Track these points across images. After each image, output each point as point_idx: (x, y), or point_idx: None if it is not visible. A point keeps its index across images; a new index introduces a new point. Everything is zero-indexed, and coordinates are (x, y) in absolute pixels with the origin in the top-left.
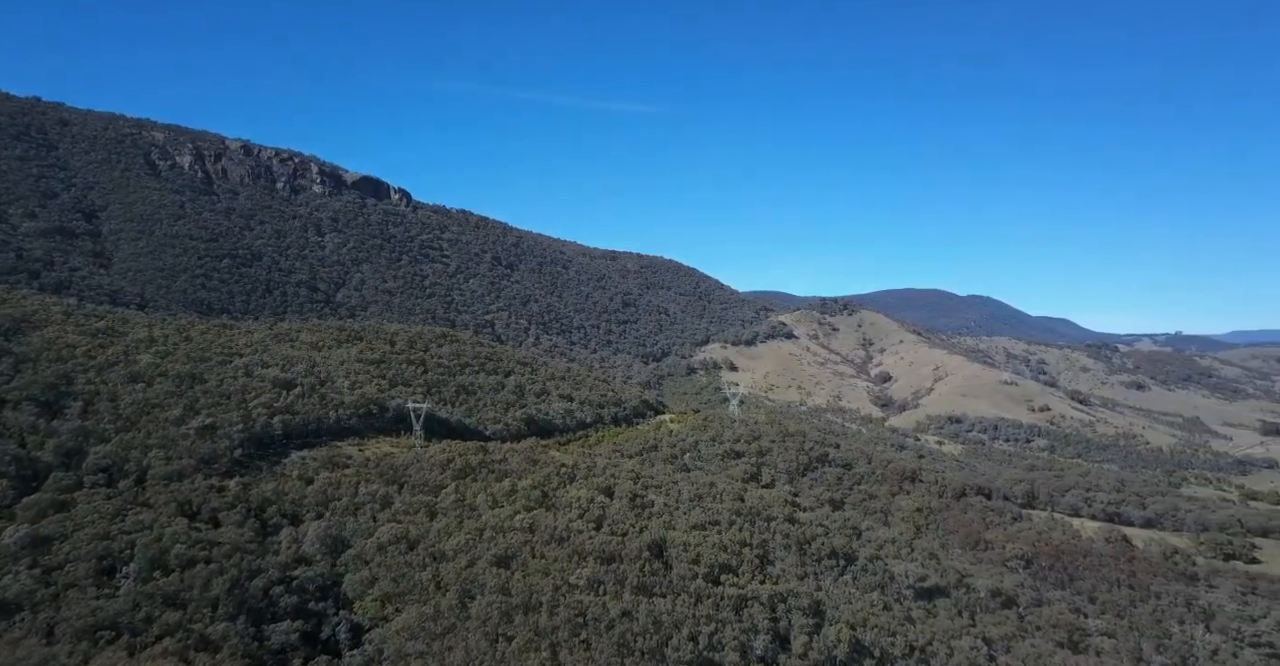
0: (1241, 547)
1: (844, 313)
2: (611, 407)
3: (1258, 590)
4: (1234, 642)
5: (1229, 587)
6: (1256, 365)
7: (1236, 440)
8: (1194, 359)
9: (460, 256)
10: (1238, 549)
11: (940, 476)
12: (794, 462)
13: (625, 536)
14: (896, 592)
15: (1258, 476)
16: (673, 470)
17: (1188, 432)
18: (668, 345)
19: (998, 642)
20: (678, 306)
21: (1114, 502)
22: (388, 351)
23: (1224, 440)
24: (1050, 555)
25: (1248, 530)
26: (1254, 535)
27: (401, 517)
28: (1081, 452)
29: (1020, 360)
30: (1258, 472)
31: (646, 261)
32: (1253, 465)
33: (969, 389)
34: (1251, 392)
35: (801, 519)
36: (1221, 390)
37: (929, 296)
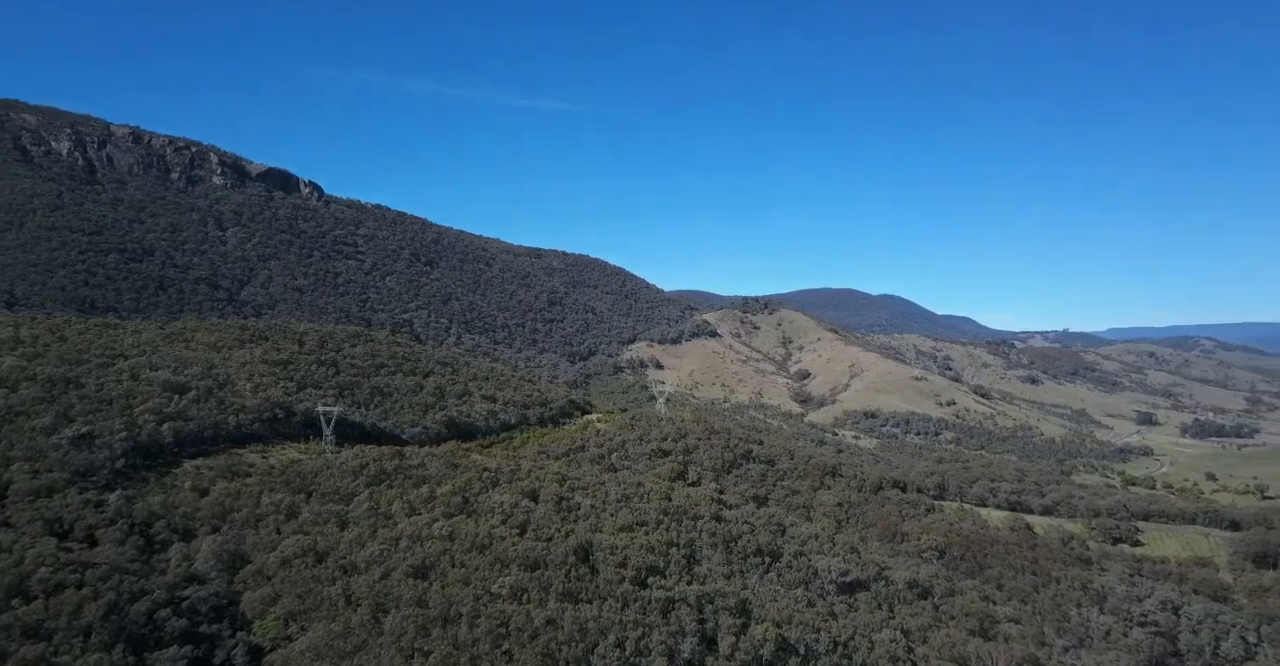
0: (1127, 531)
1: (765, 311)
2: (537, 408)
3: (1143, 571)
4: (1124, 623)
5: (1118, 570)
6: (1131, 360)
7: (1117, 429)
8: (1080, 354)
9: (376, 253)
10: (1124, 533)
11: (859, 471)
12: (719, 460)
13: (551, 541)
14: (820, 588)
15: (1136, 463)
16: (600, 470)
17: (1076, 423)
18: (595, 344)
19: (915, 633)
20: (605, 305)
21: (1016, 492)
22: (296, 352)
23: (1106, 430)
24: (961, 545)
25: (1132, 514)
26: (1137, 519)
27: (309, 529)
28: (984, 444)
29: (928, 356)
30: (1135, 460)
31: (573, 260)
32: (1131, 452)
33: (882, 385)
34: (1128, 385)
35: (727, 517)
36: (1103, 383)
37: (843, 295)
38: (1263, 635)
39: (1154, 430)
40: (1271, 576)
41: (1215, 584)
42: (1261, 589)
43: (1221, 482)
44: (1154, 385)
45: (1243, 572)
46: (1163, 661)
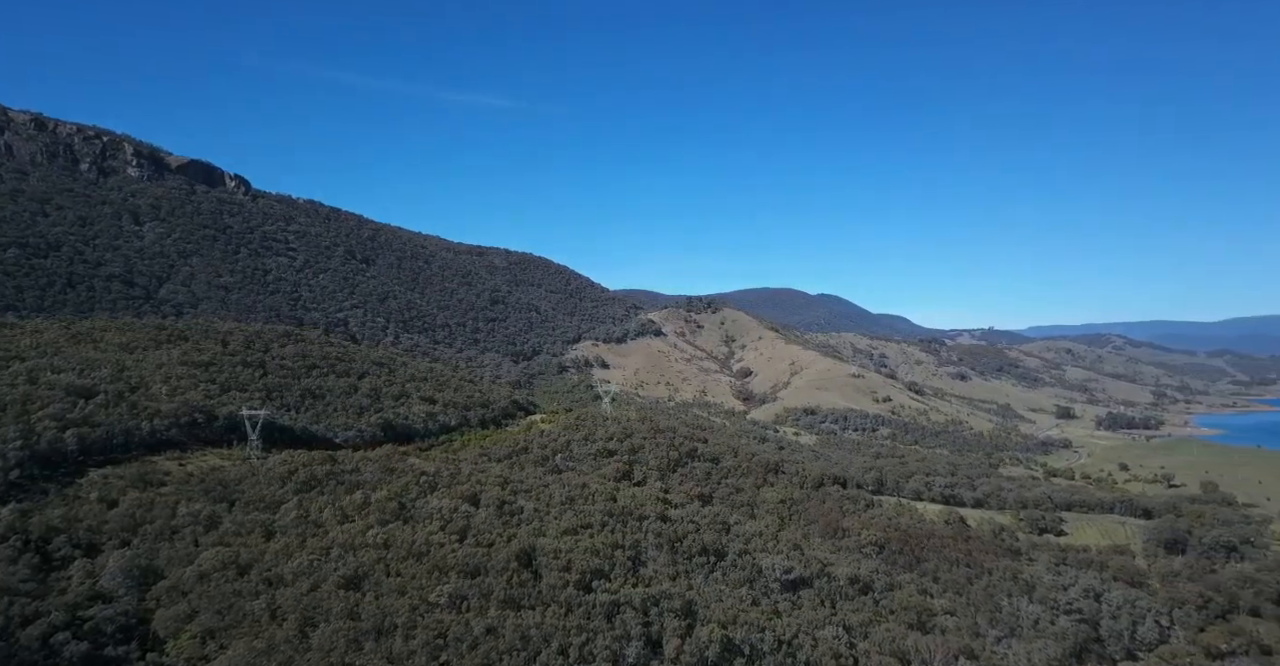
0: (1052, 522)
1: (708, 310)
2: (479, 409)
3: (1067, 560)
4: (1051, 611)
5: (1045, 560)
6: (1051, 356)
7: (1039, 423)
8: (1004, 351)
9: (309, 249)
10: (1049, 523)
11: (800, 467)
12: (665, 459)
13: (492, 547)
14: (764, 586)
15: (1057, 455)
16: (544, 472)
17: (1002, 418)
18: (539, 343)
19: (857, 629)
20: (549, 304)
21: (949, 486)
22: (219, 353)
23: (1030, 423)
24: (900, 540)
25: (1056, 505)
26: (1061, 509)
27: (231, 540)
28: (918, 439)
29: (865, 354)
30: (1056, 452)
31: (516, 258)
32: (1052, 445)
33: (822, 382)
34: (1048, 381)
35: (673, 516)
36: (1025, 379)
37: (783, 295)
38: (1175, 618)
39: (1072, 423)
40: (1181, 561)
41: (1132, 570)
42: (1173, 573)
43: (1133, 472)
44: (1071, 380)
45: (1156, 558)
46: (1086, 647)
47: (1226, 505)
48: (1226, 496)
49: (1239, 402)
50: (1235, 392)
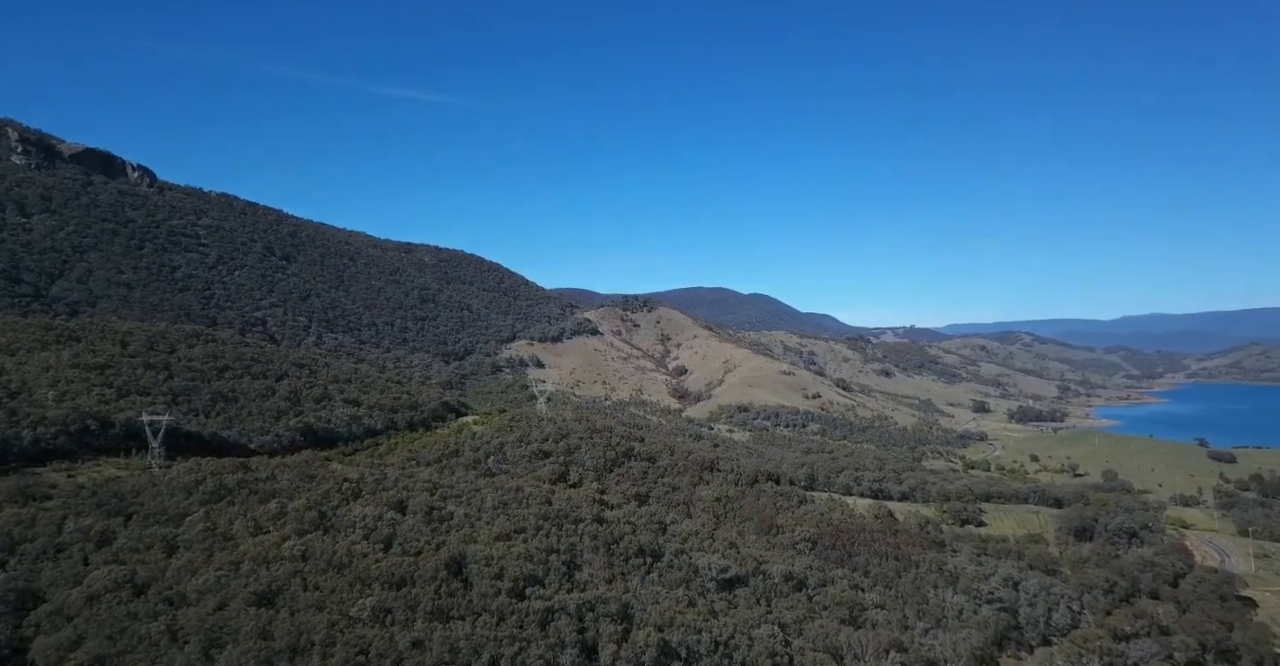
0: (973, 513)
1: (644, 310)
2: (406, 411)
3: (988, 550)
4: (974, 601)
5: (968, 551)
6: (967, 353)
7: (957, 417)
8: (925, 349)
9: (222, 245)
10: (971, 514)
11: (735, 465)
12: (601, 459)
13: (419, 555)
14: (701, 586)
15: (974, 448)
16: (476, 476)
17: (923, 412)
18: (471, 343)
19: (792, 626)
20: (481, 302)
21: (878, 480)
22: (117, 354)
23: (949, 417)
24: (832, 535)
25: (976, 497)
26: (981, 501)
27: (126, 557)
28: (847, 434)
29: (795, 352)
30: (974, 444)
31: (446, 255)
32: (970, 438)
33: (754, 379)
34: (965, 376)
35: (609, 517)
36: (945, 375)
37: (716, 294)
38: (1085, 603)
39: (987, 417)
40: (1089, 548)
41: (1047, 558)
42: (1082, 560)
43: (1043, 463)
44: (986, 376)
45: (1067, 546)
46: (1006, 635)
47: (1126, 492)
48: (1125, 484)
49: (1132, 395)
50: (1129, 386)
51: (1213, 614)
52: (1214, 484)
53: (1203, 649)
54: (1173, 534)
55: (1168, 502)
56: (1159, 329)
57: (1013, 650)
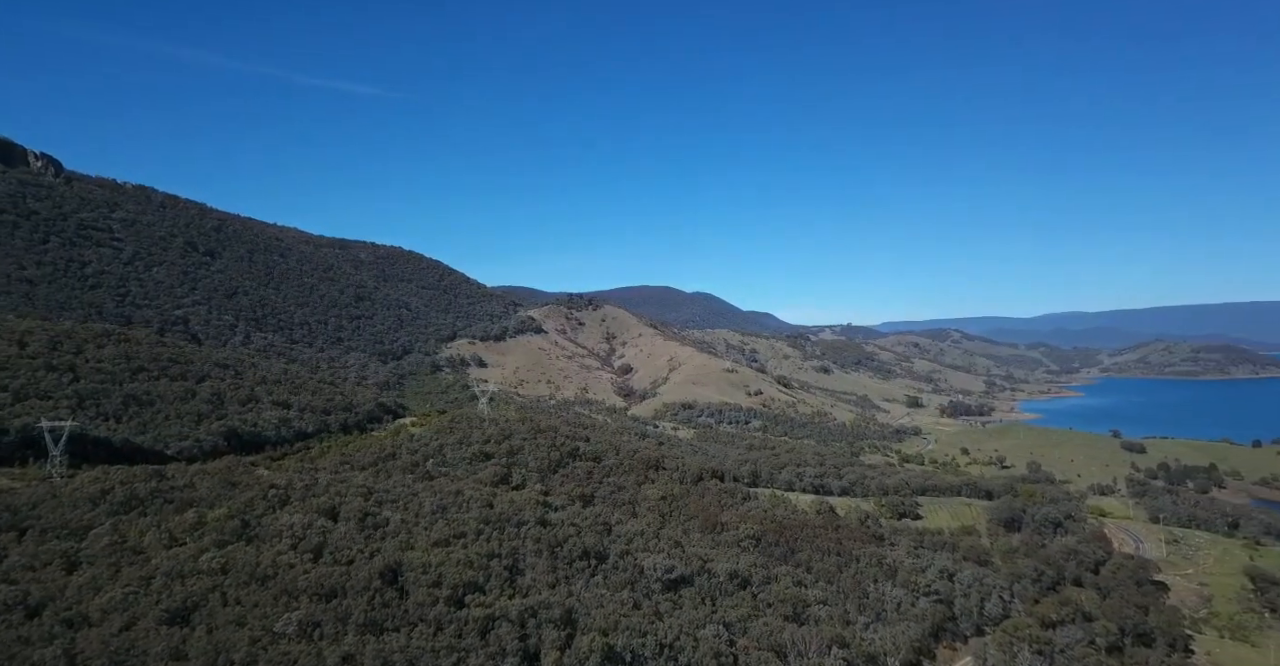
0: (910, 507)
1: (589, 308)
2: (340, 413)
3: (925, 543)
4: (912, 593)
5: (906, 544)
6: (901, 350)
7: (892, 412)
8: (861, 346)
9: (139, 240)
10: (908, 508)
11: (680, 462)
12: (546, 460)
13: (352, 565)
14: (646, 587)
15: (909, 442)
16: (414, 479)
17: (861, 408)
18: (410, 342)
19: (736, 625)
20: (421, 301)
21: (819, 476)
22: (14, 355)
23: (885, 412)
24: (775, 531)
25: (913, 490)
26: (917, 494)
27: (19, 575)
28: (788, 430)
29: (738, 350)
30: (909, 439)
31: (384, 252)
32: (905, 432)
33: (698, 377)
34: (899, 372)
35: (553, 520)
36: (880, 371)
37: (660, 293)
38: (1015, 592)
39: (920, 411)
40: (1018, 538)
41: (979, 549)
42: (1012, 550)
43: (973, 456)
44: (919, 372)
45: (998, 537)
46: (943, 626)
47: (1050, 483)
48: (1048, 475)
49: (1052, 389)
50: (1049, 380)
51: (1131, 599)
52: (1127, 473)
53: (1122, 633)
54: (1093, 522)
55: (1087, 492)
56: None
57: (948, 641)
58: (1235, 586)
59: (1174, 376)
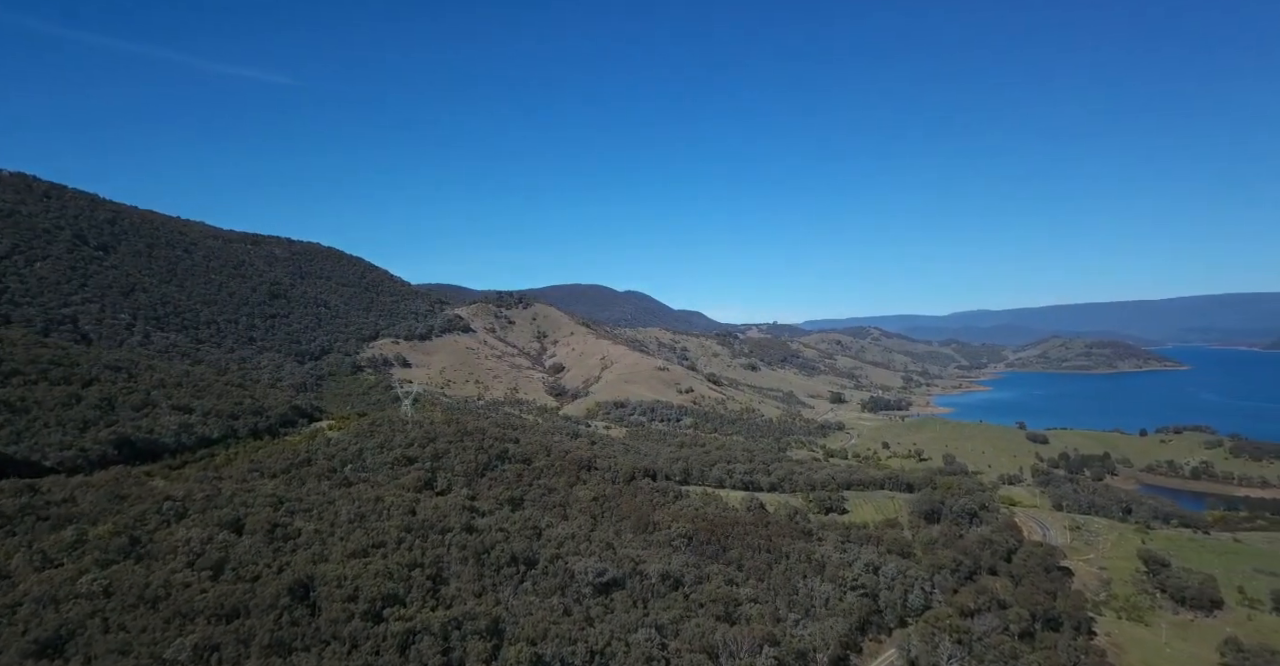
0: (836, 501)
1: (519, 306)
2: (250, 417)
3: (851, 537)
4: (840, 588)
5: (833, 539)
6: (824, 347)
7: (817, 408)
8: (787, 343)
9: (18, 233)
10: (834, 503)
11: (613, 462)
12: (472, 463)
13: (257, 581)
14: (577, 592)
15: (833, 437)
16: (330, 486)
17: (787, 404)
18: (329, 341)
19: (668, 628)
20: (341, 299)
21: (748, 472)
22: None
23: (810, 408)
24: (707, 530)
25: (839, 485)
26: (843, 488)
27: None
28: (718, 427)
29: (669, 348)
30: (833, 434)
31: (299, 248)
32: (829, 427)
33: (630, 375)
34: (823, 369)
35: (480, 525)
36: (805, 368)
37: (592, 291)
38: (935, 583)
39: (843, 407)
40: (938, 529)
41: (902, 542)
42: (932, 541)
43: (893, 449)
44: (841, 368)
45: (919, 529)
46: (869, 620)
47: (964, 475)
48: (962, 466)
49: (963, 384)
50: (960, 376)
51: (1040, 585)
52: (1032, 463)
53: (1033, 618)
54: (1005, 512)
55: (998, 482)
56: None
57: (874, 634)
58: (1130, 569)
59: (1070, 370)
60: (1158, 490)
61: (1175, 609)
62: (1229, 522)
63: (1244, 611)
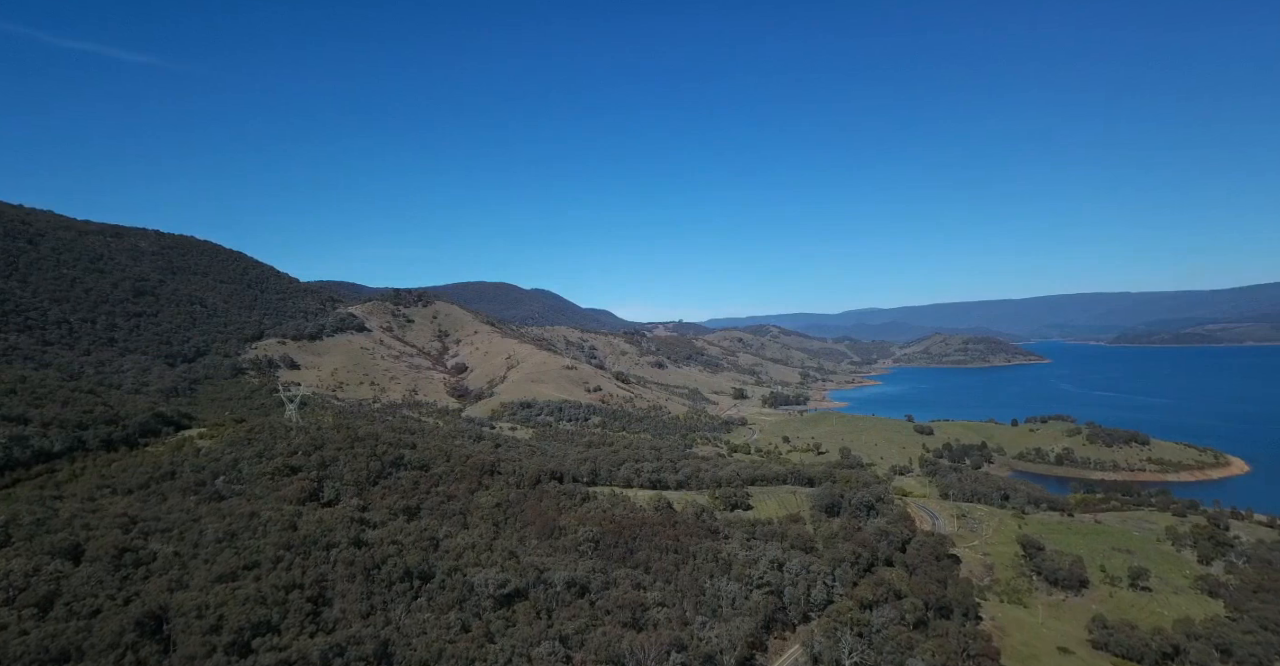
0: (741, 498)
1: (419, 304)
2: (102, 427)
3: (756, 534)
4: (746, 587)
5: (739, 536)
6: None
7: (721, 404)
8: (692, 341)
9: None
10: (739, 499)
11: (517, 465)
12: (364, 471)
13: (98, 615)
14: (476, 606)
15: (737, 432)
16: (197, 502)
17: (692, 401)
18: (205, 342)
19: (573, 638)
20: (219, 296)
21: (656, 471)
22: None
23: (714, 405)
24: (615, 532)
25: (743, 481)
26: (747, 484)
27: None
28: (626, 426)
29: (577, 346)
30: (737, 429)
31: (171, 241)
32: (733, 423)
33: (538, 375)
34: (726, 366)
35: (370, 539)
36: (710, 365)
37: (498, 289)
38: (837, 577)
39: (746, 403)
40: (838, 523)
41: (805, 536)
42: (833, 535)
43: (793, 444)
44: (743, 365)
45: (820, 522)
46: (774, 617)
47: (860, 467)
48: (858, 459)
49: (856, 379)
50: (853, 371)
51: (933, 574)
52: (920, 454)
53: (926, 607)
54: (899, 503)
55: (890, 473)
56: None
57: (779, 631)
58: (1011, 554)
59: (949, 365)
60: (1028, 476)
61: (1049, 590)
62: (1089, 505)
63: (1106, 589)
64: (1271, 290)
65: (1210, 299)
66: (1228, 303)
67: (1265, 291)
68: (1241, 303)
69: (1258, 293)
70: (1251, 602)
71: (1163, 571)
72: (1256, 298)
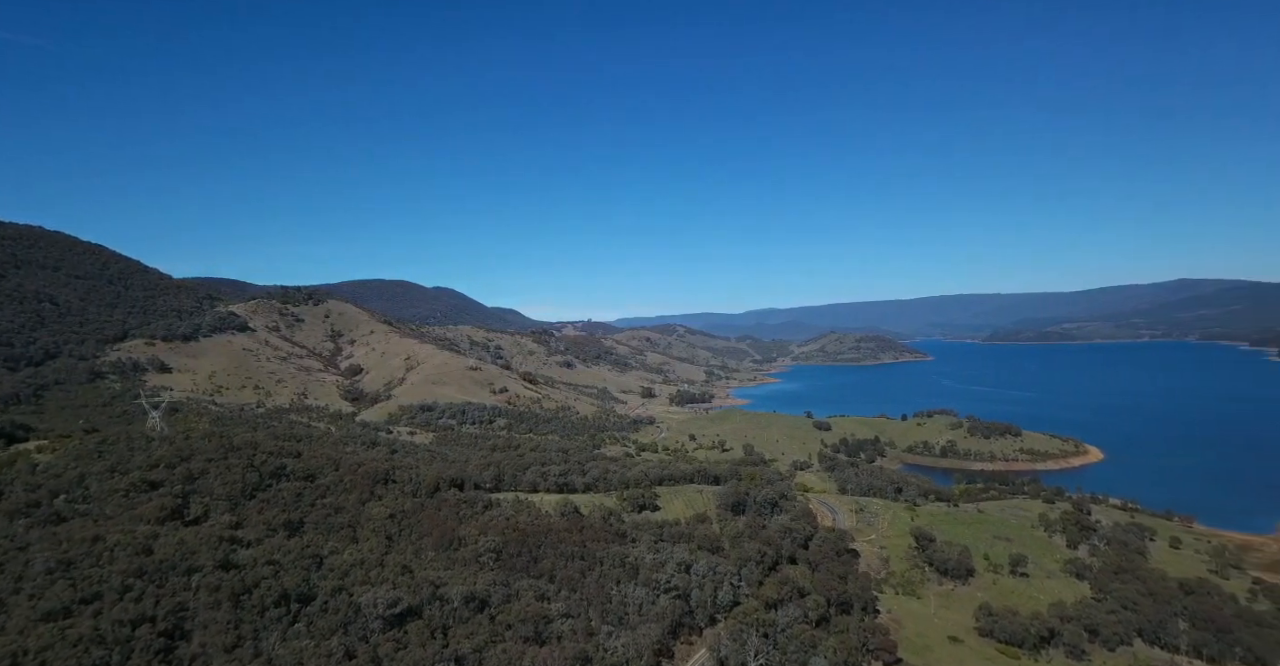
0: (649, 498)
1: (309, 303)
2: None
3: (664, 536)
4: (653, 592)
5: (647, 539)
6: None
7: (629, 403)
8: (601, 340)
9: None
10: (646, 500)
11: (414, 472)
12: (239, 483)
13: None
14: (363, 628)
15: (645, 431)
16: (27, 526)
17: (601, 400)
18: (56, 343)
19: (470, 657)
20: (74, 293)
21: (563, 474)
22: None
23: (623, 404)
24: (518, 541)
25: (651, 481)
26: (655, 485)
27: None
28: (533, 427)
29: (482, 346)
30: (644, 428)
31: (13, 231)
32: (641, 422)
33: (439, 376)
34: (634, 365)
35: (241, 559)
36: (618, 364)
37: (396, 287)
38: (743, 577)
39: (654, 401)
40: (744, 521)
41: (712, 536)
42: (738, 534)
43: (699, 441)
44: (651, 364)
45: (726, 522)
46: (681, 621)
47: (763, 463)
48: (760, 455)
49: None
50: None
51: (834, 570)
52: (819, 449)
53: (828, 604)
54: (801, 499)
55: (792, 469)
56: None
57: (686, 635)
58: (905, 546)
59: (843, 363)
60: (917, 468)
61: (940, 580)
62: (971, 495)
63: (990, 577)
64: (1113, 292)
65: (1067, 300)
66: (1080, 304)
67: (1108, 294)
68: (1090, 304)
69: (1101, 295)
70: (1114, 583)
71: (1038, 556)
72: (1101, 299)
